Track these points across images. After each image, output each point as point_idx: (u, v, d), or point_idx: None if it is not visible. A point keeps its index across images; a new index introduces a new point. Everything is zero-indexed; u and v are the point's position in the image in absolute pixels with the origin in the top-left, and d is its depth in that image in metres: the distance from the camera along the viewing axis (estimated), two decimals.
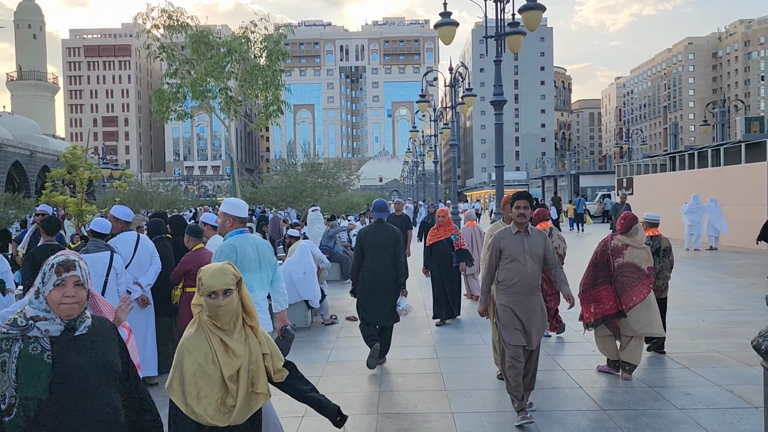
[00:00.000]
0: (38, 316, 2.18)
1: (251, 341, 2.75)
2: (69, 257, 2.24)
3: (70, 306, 2.18)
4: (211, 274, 2.66)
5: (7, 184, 50.14)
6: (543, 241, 5.01)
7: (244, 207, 4.62)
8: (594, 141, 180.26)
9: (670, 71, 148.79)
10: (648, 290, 5.95)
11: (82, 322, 2.26)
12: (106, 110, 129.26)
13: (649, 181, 26.22)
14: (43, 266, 2.21)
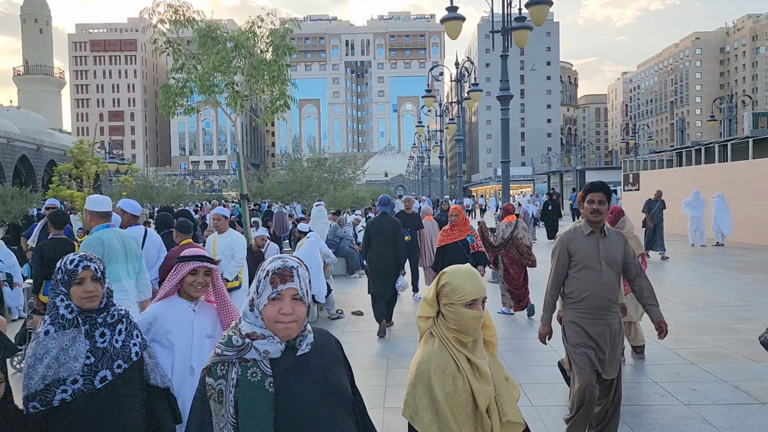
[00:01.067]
0: (255, 333, 1.79)
1: (493, 361, 2.33)
2: (286, 263, 1.82)
3: (287, 326, 1.78)
4: (467, 279, 2.18)
5: (14, 178, 50.39)
6: (623, 244, 4.08)
7: (105, 202, 5.12)
8: (600, 136, 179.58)
9: (677, 66, 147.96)
10: None
11: (303, 339, 1.86)
12: (112, 105, 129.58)
13: (655, 176, 26.11)
14: (258, 272, 1.84)
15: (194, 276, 3.08)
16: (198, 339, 3.06)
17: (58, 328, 2.41)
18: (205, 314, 3.17)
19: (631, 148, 49.87)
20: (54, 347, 2.38)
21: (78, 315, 2.45)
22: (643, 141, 60.25)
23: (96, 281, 2.47)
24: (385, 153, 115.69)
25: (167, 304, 3.11)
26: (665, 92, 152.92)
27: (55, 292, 2.45)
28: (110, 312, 2.53)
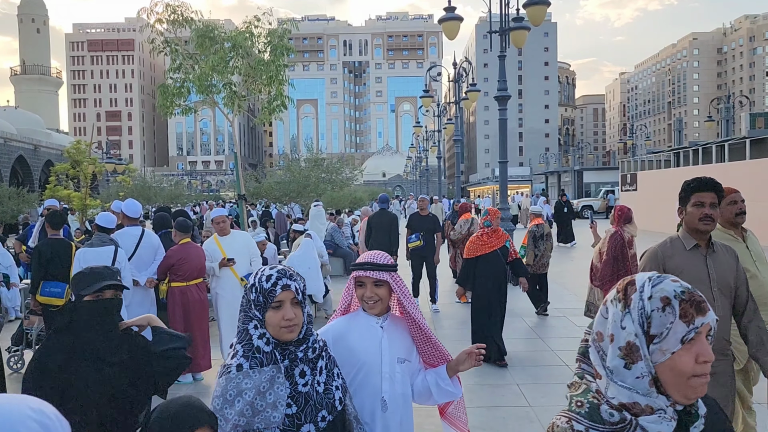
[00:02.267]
0: (638, 404, 1.20)
1: None
2: None
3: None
4: None
5: (11, 178, 50.29)
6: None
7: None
8: (598, 137, 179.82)
9: (674, 66, 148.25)
10: None
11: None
12: (110, 105, 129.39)
13: (653, 177, 26.16)
14: None
15: (361, 288, 2.40)
16: (389, 364, 2.38)
17: (253, 363, 1.91)
18: (396, 331, 2.46)
19: (628, 149, 49.97)
20: (249, 388, 1.88)
21: (275, 348, 1.95)
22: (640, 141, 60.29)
23: (296, 305, 1.96)
24: (382, 153, 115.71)
25: (351, 320, 2.45)
26: (663, 92, 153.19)
27: (247, 316, 1.97)
28: (310, 344, 2.02)
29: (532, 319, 8.52)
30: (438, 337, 2.50)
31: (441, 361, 2.53)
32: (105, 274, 2.44)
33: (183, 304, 6.04)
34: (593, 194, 41.20)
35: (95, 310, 2.38)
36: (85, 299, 2.34)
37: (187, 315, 6.04)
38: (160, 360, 2.46)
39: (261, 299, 1.94)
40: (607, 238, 6.53)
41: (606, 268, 6.39)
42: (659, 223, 22.66)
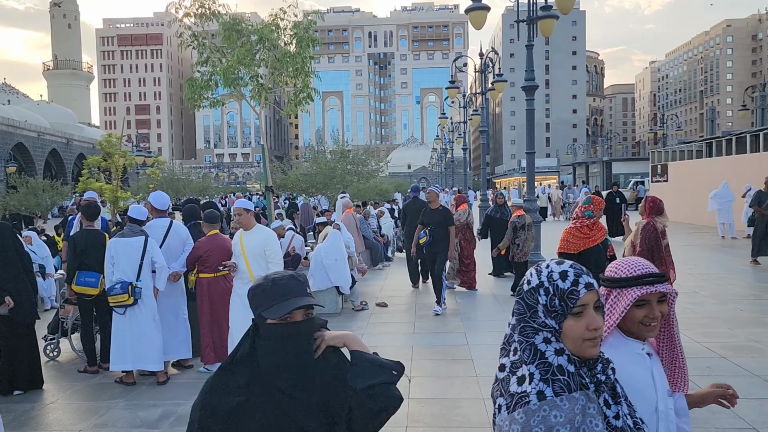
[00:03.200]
0: None
1: None
2: None
3: None
4: None
5: (45, 171, 51.46)
6: None
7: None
8: (627, 127, 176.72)
9: (707, 54, 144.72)
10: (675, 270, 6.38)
11: None
12: (139, 98, 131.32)
13: (684, 167, 25.64)
14: None
15: (645, 309, 1.85)
16: (663, 401, 1.91)
17: (558, 388, 1.45)
18: (656, 358, 2.01)
19: (659, 139, 49.02)
20: (561, 423, 1.42)
21: (578, 367, 1.52)
22: (671, 131, 59.18)
23: (598, 310, 1.54)
24: (408, 145, 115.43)
25: (614, 349, 1.85)
26: (695, 81, 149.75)
27: (531, 327, 1.54)
28: (604, 363, 1.58)
29: None
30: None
31: (680, 387, 2.07)
32: (294, 289, 1.74)
33: (210, 295, 6.13)
34: (622, 185, 40.58)
35: (284, 336, 1.71)
36: (269, 322, 1.71)
37: (214, 306, 6.12)
38: (363, 399, 1.80)
39: (557, 303, 1.52)
40: (640, 230, 6.44)
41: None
42: (690, 215, 22.23)
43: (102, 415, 5.11)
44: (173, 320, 6.23)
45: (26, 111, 56.66)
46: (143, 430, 4.76)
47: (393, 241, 15.57)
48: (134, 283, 5.72)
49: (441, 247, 8.71)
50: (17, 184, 25.17)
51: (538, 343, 1.51)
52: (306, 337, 1.76)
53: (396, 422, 4.67)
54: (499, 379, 1.56)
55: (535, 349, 1.51)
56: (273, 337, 1.70)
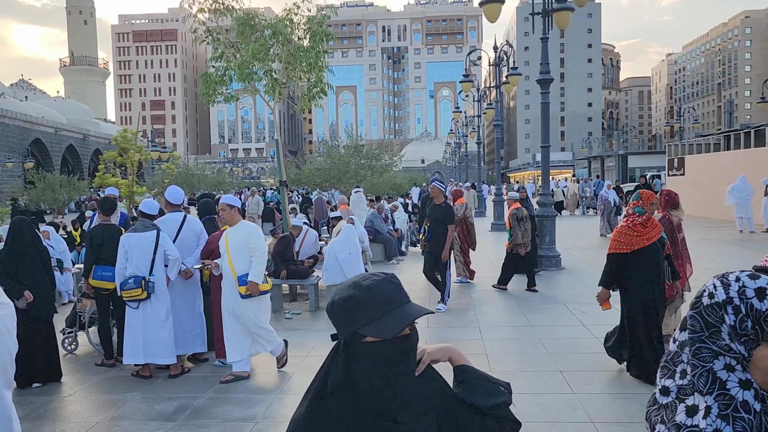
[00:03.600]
0: None
1: None
2: None
3: None
4: None
5: (62, 166, 52.03)
6: None
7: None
8: (643, 120, 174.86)
9: (725, 46, 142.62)
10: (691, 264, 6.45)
11: None
12: (154, 94, 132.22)
13: (701, 161, 25.33)
14: None
15: None
16: None
17: (741, 429, 1.24)
18: None
19: (675, 132, 48.45)
20: None
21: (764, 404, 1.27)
22: (688, 124, 58.40)
23: None
24: (421, 139, 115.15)
25: None
26: (712, 73, 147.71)
27: (711, 350, 1.31)
28: None
29: (576, 306, 8.40)
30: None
31: None
32: (396, 296, 1.38)
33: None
34: (638, 179, 40.20)
35: (389, 356, 1.37)
36: (368, 340, 1.35)
37: None
38: (488, 422, 1.51)
39: (749, 326, 1.25)
40: None
41: None
42: (708, 209, 21.96)
43: (119, 408, 5.17)
44: (189, 314, 6.28)
45: (43, 107, 57.27)
46: (159, 422, 4.81)
47: (407, 236, 15.56)
48: (147, 278, 5.77)
49: (438, 246, 8.37)
50: (35, 180, 25.47)
51: (718, 370, 1.26)
52: (412, 354, 1.43)
53: None
54: (661, 404, 1.33)
55: (714, 377, 1.26)
56: (375, 358, 1.36)
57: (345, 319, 1.36)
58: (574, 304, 8.54)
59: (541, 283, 10.36)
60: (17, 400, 4.75)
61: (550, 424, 4.49)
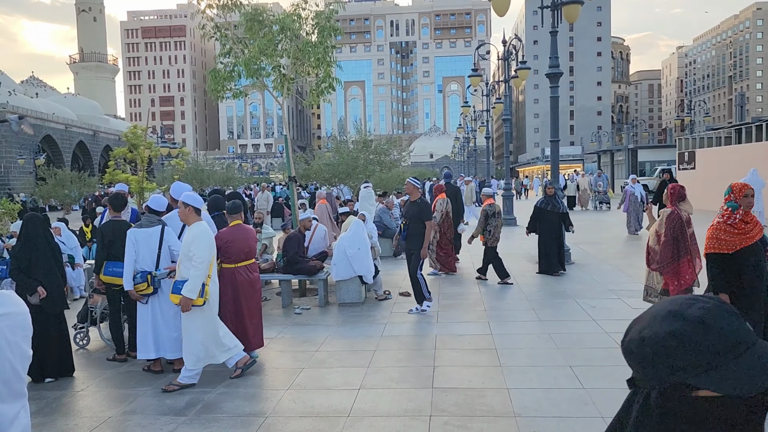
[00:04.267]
0: None
1: None
2: None
3: None
4: None
5: (73, 163, 52.35)
6: None
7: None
8: (653, 114, 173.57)
9: (736, 39, 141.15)
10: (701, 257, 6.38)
11: None
12: (163, 90, 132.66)
13: (712, 154, 25.13)
14: None
15: None
16: None
17: None
18: None
19: (686, 126, 48.06)
20: None
21: None
22: (699, 118, 57.90)
23: None
24: (430, 134, 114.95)
25: None
26: (723, 66, 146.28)
27: None
28: None
29: (586, 301, 8.37)
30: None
31: None
32: (744, 335, 0.99)
33: (232, 285, 6.18)
34: (648, 173, 39.92)
35: (732, 419, 1.00)
36: (700, 395, 1.00)
37: (236, 296, 6.17)
38: None
39: None
40: (664, 219, 6.35)
41: (666, 249, 6.23)
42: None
43: (131, 402, 5.21)
44: None
45: (54, 104, 57.61)
46: (171, 417, 4.84)
47: None
48: (154, 273, 5.81)
49: (415, 244, 8.02)
50: (46, 176, 25.64)
51: None
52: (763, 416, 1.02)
53: (419, 411, 4.69)
54: None
55: None
56: (712, 422, 1.00)
57: (664, 362, 0.99)
58: (584, 299, 8.51)
59: (550, 278, 10.34)
60: (30, 395, 4.80)
61: (559, 419, 4.49)
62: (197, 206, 5.59)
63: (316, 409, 4.89)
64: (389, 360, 6.09)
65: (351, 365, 5.97)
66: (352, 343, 6.82)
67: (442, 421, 4.51)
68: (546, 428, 4.33)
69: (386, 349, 6.48)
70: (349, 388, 5.27)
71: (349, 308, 8.60)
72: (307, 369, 5.89)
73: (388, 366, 5.92)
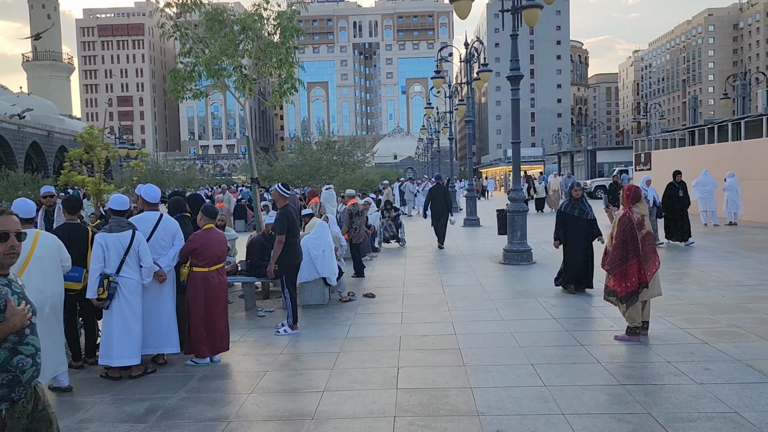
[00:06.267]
0: None
1: None
2: None
3: None
4: None
5: (26, 164, 50.71)
6: None
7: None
8: (611, 116, 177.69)
9: (689, 43, 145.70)
10: (658, 257, 6.51)
11: None
12: (121, 90, 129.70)
13: (667, 156, 25.87)
14: None
15: None
16: None
17: None
18: None
19: (642, 128, 49.36)
20: None
21: None
22: (654, 120, 59.49)
23: None
24: (393, 135, 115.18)
25: None
26: (677, 70, 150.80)
27: None
28: None
29: (547, 300, 8.51)
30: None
31: None
32: None
33: (204, 289, 6.10)
34: (606, 174, 40.86)
35: None
36: None
37: (208, 300, 6.10)
38: None
39: None
40: (617, 221, 6.50)
41: (615, 252, 6.36)
42: None
43: (88, 410, 5.07)
44: (161, 313, 6.17)
45: (6, 103, 55.71)
46: (130, 424, 4.73)
47: (380, 232, 15.55)
48: (111, 277, 5.66)
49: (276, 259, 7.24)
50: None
51: None
52: None
53: (384, 412, 4.70)
54: None
55: None
56: None
57: None
58: (545, 298, 8.65)
59: (512, 278, 10.48)
60: None
61: (522, 416, 4.55)
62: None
63: (280, 412, 4.84)
64: (353, 362, 6.08)
65: (315, 367, 5.94)
66: (316, 345, 6.79)
67: (406, 422, 4.52)
68: (509, 426, 4.38)
69: (350, 351, 6.47)
70: (313, 391, 5.24)
71: (313, 310, 8.55)
72: (271, 372, 5.84)
73: (352, 368, 5.90)
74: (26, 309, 2.58)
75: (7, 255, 2.63)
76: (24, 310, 2.56)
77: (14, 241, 2.66)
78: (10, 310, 2.52)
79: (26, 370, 2.54)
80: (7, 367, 2.48)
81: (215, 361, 6.24)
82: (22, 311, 2.53)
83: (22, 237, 2.69)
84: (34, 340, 2.60)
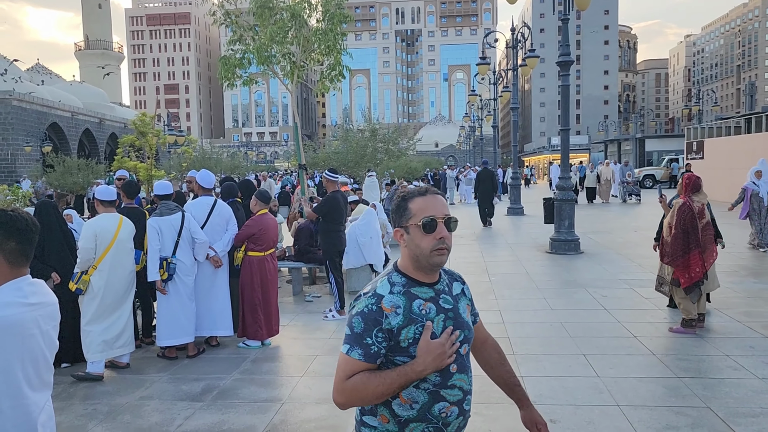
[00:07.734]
0: None
1: None
2: None
3: None
4: None
5: (79, 150, 52.42)
6: None
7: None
8: (660, 103, 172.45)
9: (745, 27, 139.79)
10: (716, 248, 6.45)
11: None
12: (168, 78, 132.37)
13: (721, 144, 24.97)
14: None
15: None
16: None
17: None
18: None
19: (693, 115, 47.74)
20: None
21: None
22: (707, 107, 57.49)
23: None
24: (435, 123, 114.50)
25: None
26: (732, 55, 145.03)
27: None
28: None
29: (597, 291, 8.36)
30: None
31: None
32: None
33: (261, 273, 6.23)
34: (655, 163, 39.74)
35: None
36: None
37: (264, 283, 6.23)
38: None
39: None
40: (676, 210, 6.30)
41: (675, 242, 6.18)
42: (728, 194, 21.66)
43: (147, 388, 5.24)
44: (215, 296, 6.32)
45: (60, 91, 57.55)
46: (187, 402, 4.87)
47: None
48: (169, 259, 5.83)
49: (329, 246, 7.57)
50: (54, 163, 25.65)
51: None
52: None
53: None
54: None
55: None
56: None
57: None
58: (595, 289, 8.50)
59: (560, 267, 10.33)
60: None
61: (575, 407, 4.50)
62: (101, 199, 5.77)
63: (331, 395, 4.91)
64: None
65: None
66: None
67: None
68: (562, 416, 4.34)
69: None
70: None
71: None
72: (321, 356, 5.92)
73: None
74: (452, 339, 1.85)
75: (435, 251, 1.85)
76: (446, 342, 1.82)
77: (443, 230, 1.87)
78: (424, 344, 1.79)
79: (451, 422, 1.92)
80: (426, 415, 1.87)
81: (266, 344, 6.36)
82: (441, 348, 1.80)
83: (453, 226, 1.90)
84: (462, 381, 1.96)
